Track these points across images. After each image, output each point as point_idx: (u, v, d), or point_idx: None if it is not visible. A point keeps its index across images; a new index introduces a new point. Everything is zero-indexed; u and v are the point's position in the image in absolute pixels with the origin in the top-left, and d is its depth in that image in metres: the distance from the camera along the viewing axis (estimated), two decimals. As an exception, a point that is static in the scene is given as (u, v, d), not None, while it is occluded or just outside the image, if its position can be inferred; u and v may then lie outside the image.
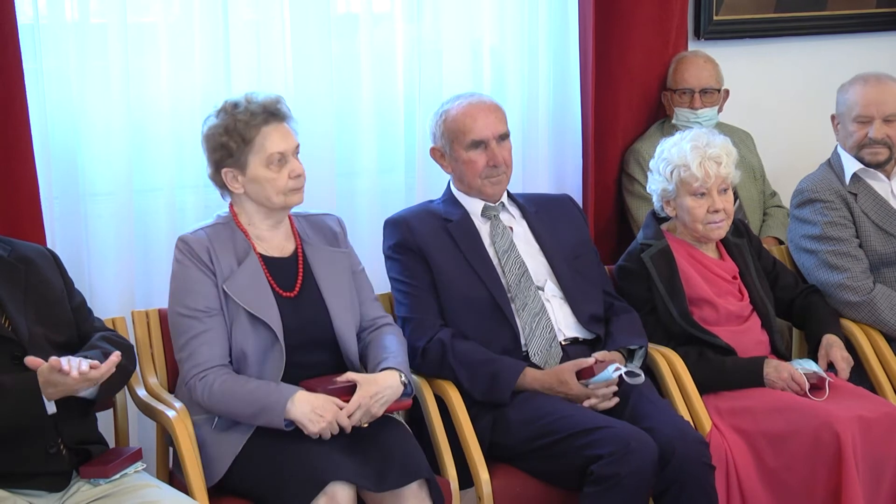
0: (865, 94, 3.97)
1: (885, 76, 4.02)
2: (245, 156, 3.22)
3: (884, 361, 3.81)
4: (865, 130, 3.96)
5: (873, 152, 3.97)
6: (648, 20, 4.45)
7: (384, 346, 3.33)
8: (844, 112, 4.02)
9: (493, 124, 3.62)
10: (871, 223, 3.93)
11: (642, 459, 3.18)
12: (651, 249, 3.74)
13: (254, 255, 3.26)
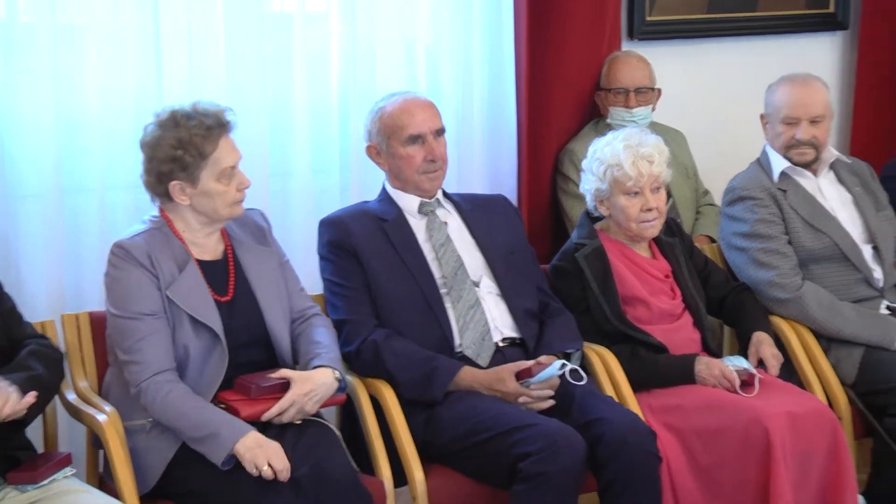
0: (792, 95, 4.01)
1: (812, 77, 4.07)
2: (199, 170, 3.20)
3: (812, 358, 3.86)
4: (793, 132, 4.01)
5: (800, 153, 4.02)
6: (582, 21, 4.48)
7: (315, 340, 3.33)
8: (772, 113, 4.06)
9: (429, 119, 3.64)
10: (801, 219, 3.98)
11: (571, 457, 3.20)
12: (585, 249, 3.76)
13: (193, 262, 3.25)
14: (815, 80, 4.05)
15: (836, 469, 3.51)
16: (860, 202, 4.06)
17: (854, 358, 3.83)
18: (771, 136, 4.07)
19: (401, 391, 3.44)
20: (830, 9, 5.00)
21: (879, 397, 3.75)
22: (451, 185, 4.08)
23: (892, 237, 4.07)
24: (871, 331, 3.85)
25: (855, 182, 4.11)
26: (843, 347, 3.86)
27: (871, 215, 4.05)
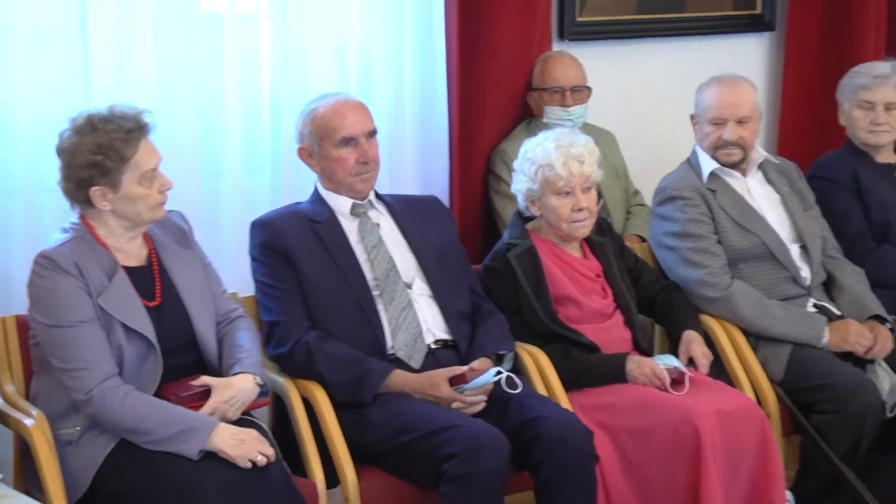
0: (720, 96, 4.05)
1: (740, 78, 4.12)
2: (120, 174, 3.16)
3: (741, 356, 3.90)
4: (720, 132, 4.05)
5: (727, 153, 4.06)
6: (513, 21, 4.49)
7: (238, 345, 3.32)
8: (701, 113, 4.11)
9: (361, 121, 3.64)
10: (730, 219, 4.02)
11: (495, 457, 3.21)
12: (517, 249, 3.77)
13: (120, 269, 3.22)
14: (742, 81, 4.10)
15: (765, 465, 3.55)
16: (788, 202, 4.12)
17: (782, 356, 3.88)
18: (700, 136, 4.11)
19: (332, 393, 3.43)
20: (758, 10, 5.05)
21: (807, 394, 3.80)
22: (383, 185, 4.08)
23: (819, 236, 4.12)
24: (798, 328, 3.90)
25: (783, 182, 4.16)
26: (772, 345, 3.91)
27: (798, 215, 4.10)
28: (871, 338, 3.88)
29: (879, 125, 4.29)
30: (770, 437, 3.57)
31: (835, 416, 3.72)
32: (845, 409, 3.71)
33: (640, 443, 3.51)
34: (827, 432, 3.73)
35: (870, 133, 4.31)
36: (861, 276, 4.12)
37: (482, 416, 3.41)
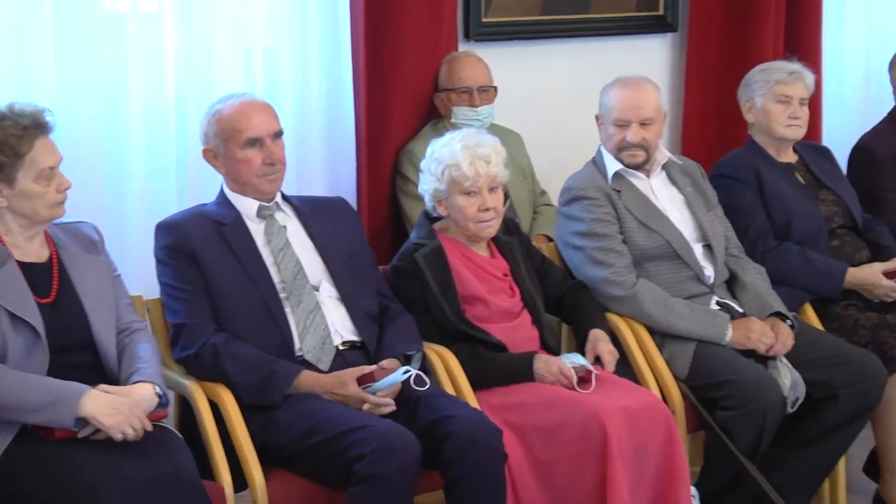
0: (623, 98, 4.09)
1: (643, 80, 4.16)
2: (15, 171, 3.14)
3: (647, 354, 3.94)
4: (623, 133, 4.08)
5: (631, 154, 4.10)
6: (419, 22, 4.50)
7: (138, 355, 3.29)
8: (605, 114, 4.14)
9: (267, 122, 3.61)
10: (634, 219, 4.07)
11: (404, 457, 3.22)
12: (424, 249, 3.78)
13: (13, 261, 3.18)
14: (645, 83, 4.14)
15: (670, 462, 3.59)
16: (691, 202, 4.17)
17: (686, 353, 3.92)
18: (604, 137, 4.15)
19: (240, 395, 3.41)
20: (660, 11, 5.10)
21: (711, 391, 3.85)
22: (290, 187, 4.07)
23: (723, 235, 4.18)
24: (702, 326, 3.95)
25: (686, 182, 4.22)
26: (676, 343, 3.96)
27: (702, 215, 4.16)
28: (772, 335, 3.94)
29: (796, 119, 4.35)
30: (675, 434, 3.61)
31: (737, 412, 3.77)
32: (747, 404, 3.76)
33: (548, 441, 3.54)
34: (730, 428, 3.78)
35: (787, 127, 4.35)
36: (762, 274, 4.18)
37: (392, 416, 3.40)
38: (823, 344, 4.03)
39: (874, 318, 4.18)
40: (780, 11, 5.12)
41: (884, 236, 4.45)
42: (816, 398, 3.91)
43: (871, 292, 4.25)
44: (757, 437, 3.78)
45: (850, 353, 4.00)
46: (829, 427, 3.94)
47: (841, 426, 3.94)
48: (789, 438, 3.95)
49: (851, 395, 3.90)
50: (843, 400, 3.90)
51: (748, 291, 4.10)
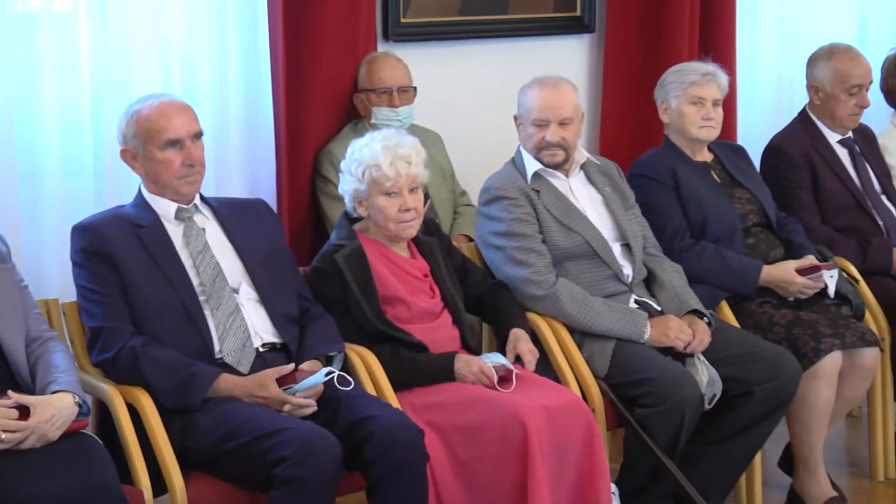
0: (542, 98, 4.11)
1: (561, 80, 4.18)
2: None
3: (567, 352, 3.96)
4: (542, 133, 4.11)
5: (550, 154, 4.12)
6: (337, 22, 4.49)
7: (54, 365, 3.26)
8: (524, 114, 4.16)
9: (187, 123, 3.58)
10: (553, 219, 4.09)
11: (326, 459, 3.21)
12: (344, 250, 3.77)
13: None
14: (564, 83, 4.17)
15: (591, 460, 3.61)
16: (609, 202, 4.20)
17: (606, 352, 3.96)
18: (523, 137, 4.18)
19: (159, 399, 3.38)
20: (577, 12, 5.13)
21: (630, 388, 3.89)
22: (209, 188, 4.04)
23: (641, 235, 4.22)
24: (621, 325, 3.98)
25: (605, 182, 4.25)
26: (596, 342, 3.99)
27: (620, 214, 4.19)
28: (689, 333, 3.99)
29: (709, 120, 4.39)
30: (595, 432, 3.64)
31: (656, 409, 3.81)
32: (665, 402, 3.80)
33: (470, 440, 3.54)
34: (649, 425, 3.82)
35: (700, 128, 4.39)
36: (680, 272, 4.23)
37: (312, 417, 3.40)
38: (739, 341, 4.08)
39: (788, 315, 4.25)
40: (694, 13, 5.18)
41: (797, 234, 4.52)
42: (733, 395, 3.96)
43: (786, 290, 4.31)
44: (675, 433, 3.82)
45: (766, 349, 4.06)
46: (745, 422, 3.99)
47: (756, 421, 3.99)
48: (706, 434, 4.00)
49: (766, 392, 3.96)
50: (758, 396, 3.95)
51: (666, 290, 4.14)
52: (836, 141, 4.80)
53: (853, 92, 4.74)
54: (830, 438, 4.44)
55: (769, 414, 4.00)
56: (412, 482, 3.35)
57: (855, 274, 4.47)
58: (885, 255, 4.62)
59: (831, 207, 4.70)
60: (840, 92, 4.74)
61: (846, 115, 4.76)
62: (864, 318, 4.34)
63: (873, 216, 4.72)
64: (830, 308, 4.31)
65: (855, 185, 4.75)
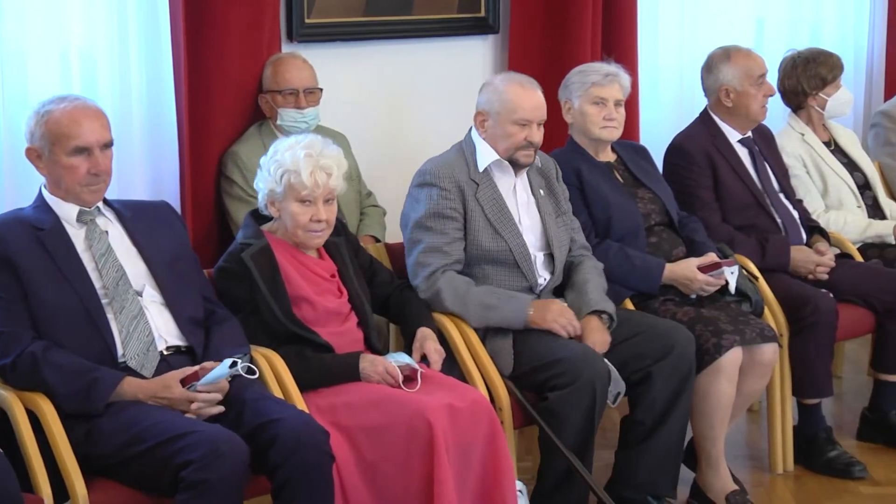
0: (526, 98, 4.06)
1: (530, 80, 4.16)
2: None
3: (473, 351, 3.98)
4: (525, 133, 4.06)
5: (527, 154, 4.09)
6: (241, 23, 4.47)
7: None
8: (501, 112, 4.06)
9: (98, 131, 3.52)
10: (485, 218, 4.06)
11: (233, 462, 3.19)
12: (251, 248, 3.75)
13: None
14: (535, 84, 4.15)
15: (495, 458, 3.62)
16: (541, 207, 4.18)
17: (507, 347, 3.97)
18: (496, 134, 4.09)
19: (60, 404, 3.34)
20: (482, 13, 5.15)
21: (540, 373, 3.89)
22: (112, 191, 3.95)
23: (566, 243, 4.22)
24: (503, 308, 3.98)
25: (540, 184, 4.23)
26: (498, 338, 4.00)
27: (549, 221, 4.18)
28: (571, 319, 3.99)
29: (611, 120, 4.43)
30: (499, 431, 3.65)
31: (567, 390, 3.82)
32: (577, 379, 3.82)
33: (375, 441, 3.54)
34: (561, 408, 3.84)
35: (602, 128, 4.42)
36: (598, 269, 4.23)
37: (217, 420, 3.38)
38: (633, 321, 4.13)
39: (691, 312, 4.30)
40: (596, 14, 5.23)
41: (698, 232, 4.59)
42: (634, 382, 4.01)
43: (688, 287, 4.37)
44: (589, 414, 3.85)
45: (657, 326, 4.11)
46: (660, 406, 4.03)
47: (670, 401, 4.03)
48: (633, 434, 4.07)
49: (664, 369, 4.00)
50: (656, 376, 4.00)
51: (574, 291, 4.16)
52: (736, 140, 4.88)
53: (760, 83, 4.81)
54: (731, 433, 4.53)
55: (678, 391, 4.04)
56: (318, 484, 3.35)
57: (754, 271, 4.55)
58: (782, 253, 4.70)
59: (731, 206, 4.78)
60: (750, 87, 4.81)
61: (759, 108, 4.83)
62: (764, 314, 4.42)
63: (772, 214, 4.80)
64: (731, 305, 4.37)
65: (754, 184, 4.83)
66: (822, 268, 4.71)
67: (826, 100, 5.12)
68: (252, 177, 4.36)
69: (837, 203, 5.12)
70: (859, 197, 5.16)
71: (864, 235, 5.05)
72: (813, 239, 4.86)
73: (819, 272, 4.71)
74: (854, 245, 5.01)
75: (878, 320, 4.75)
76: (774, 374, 4.45)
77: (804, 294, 4.56)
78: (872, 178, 5.25)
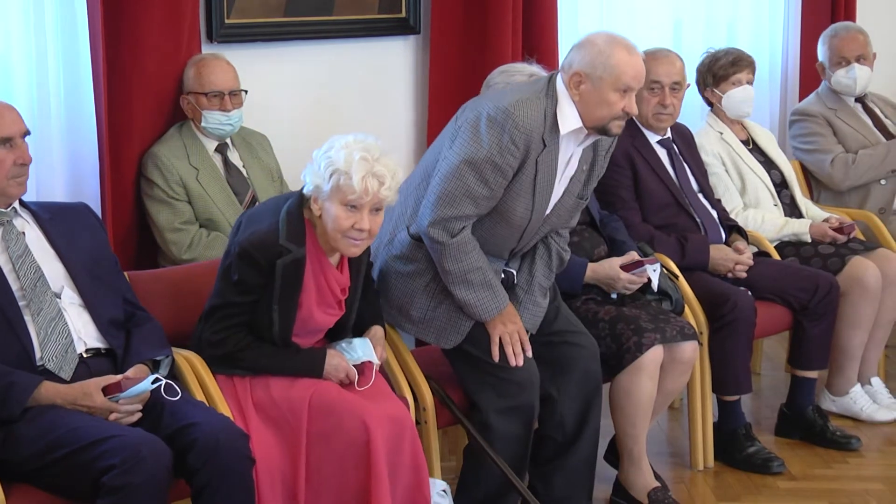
0: (633, 64, 3.79)
1: (636, 46, 3.92)
2: None
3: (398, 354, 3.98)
4: (624, 102, 3.80)
5: (620, 125, 3.86)
6: (159, 23, 4.42)
7: None
8: (605, 77, 3.77)
9: (17, 121, 3.51)
10: (532, 183, 3.84)
11: (155, 466, 3.17)
12: (287, 257, 3.52)
13: None
14: (638, 49, 3.92)
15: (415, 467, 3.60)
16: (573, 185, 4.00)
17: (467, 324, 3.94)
18: (592, 100, 3.78)
19: (-26, 409, 3.29)
20: (402, 14, 5.15)
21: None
22: (31, 193, 3.93)
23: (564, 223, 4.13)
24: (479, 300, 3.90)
25: (588, 159, 4.00)
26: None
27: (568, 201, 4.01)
28: (516, 344, 3.95)
29: None
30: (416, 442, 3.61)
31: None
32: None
33: (322, 446, 3.50)
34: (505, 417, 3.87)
35: None
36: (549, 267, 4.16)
37: (136, 423, 3.36)
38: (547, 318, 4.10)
39: (612, 311, 4.33)
40: (517, 14, 5.24)
41: (619, 231, 4.62)
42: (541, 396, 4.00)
43: (611, 286, 4.40)
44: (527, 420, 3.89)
45: (566, 329, 4.11)
46: (569, 425, 4.04)
47: (579, 421, 4.05)
48: (543, 451, 4.07)
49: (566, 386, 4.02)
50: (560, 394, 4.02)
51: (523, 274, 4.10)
52: (655, 141, 4.93)
53: (654, 88, 4.84)
54: (653, 430, 4.58)
55: (586, 407, 4.05)
56: (237, 488, 3.33)
57: (674, 270, 4.60)
58: (702, 252, 4.76)
59: (651, 205, 4.82)
60: (642, 89, 4.86)
61: (649, 113, 4.85)
62: (684, 312, 4.47)
63: (691, 214, 4.86)
64: (652, 303, 4.42)
65: (674, 184, 4.88)
66: (741, 266, 4.78)
67: (721, 96, 5.18)
68: (172, 178, 4.36)
69: (755, 201, 5.19)
70: (776, 196, 5.24)
71: (781, 234, 5.13)
72: (731, 238, 4.92)
73: (738, 270, 4.78)
74: (771, 243, 5.09)
75: (794, 318, 4.83)
76: (695, 372, 4.51)
77: (723, 292, 4.62)
78: (789, 177, 5.33)
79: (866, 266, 4.95)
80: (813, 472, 4.61)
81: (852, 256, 4.99)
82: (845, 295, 4.88)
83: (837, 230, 5.10)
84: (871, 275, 4.93)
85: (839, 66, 5.59)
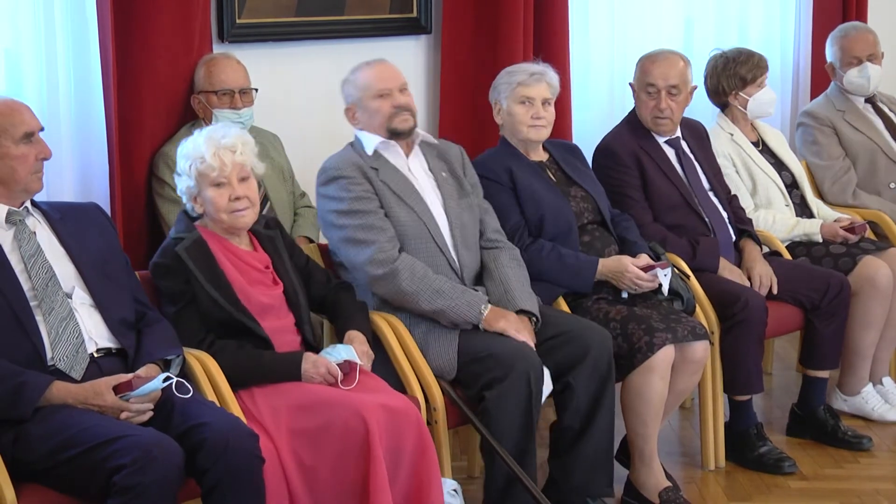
0: (376, 72, 4.19)
1: (379, 58, 4.29)
2: None
3: (408, 352, 3.98)
4: (389, 102, 4.15)
5: (404, 119, 4.17)
6: (171, 23, 4.43)
7: None
8: (361, 95, 4.20)
9: (34, 117, 3.54)
10: (393, 194, 4.10)
11: (166, 466, 3.17)
12: (185, 242, 3.73)
13: None
14: (382, 59, 4.29)
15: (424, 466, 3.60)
16: (441, 186, 4.21)
17: (452, 351, 3.97)
18: (367, 117, 4.19)
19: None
20: (414, 13, 5.16)
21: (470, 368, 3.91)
22: (41, 192, 3.93)
23: (473, 225, 4.23)
24: (459, 303, 3.98)
25: (441, 167, 4.26)
26: (442, 340, 4.00)
27: (451, 201, 4.20)
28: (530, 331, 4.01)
29: (539, 119, 4.44)
30: (427, 440, 3.62)
31: (504, 384, 3.84)
32: (511, 372, 3.84)
33: (314, 444, 3.51)
34: (501, 405, 3.84)
35: (531, 127, 4.44)
36: (518, 262, 4.24)
37: (146, 423, 3.36)
38: (548, 322, 4.12)
39: (623, 310, 4.33)
40: (528, 15, 5.25)
41: (630, 231, 4.62)
42: (556, 389, 4.03)
43: (620, 279, 4.39)
44: (526, 406, 3.87)
45: (573, 329, 4.11)
46: (583, 412, 4.05)
47: (593, 403, 4.05)
48: (563, 441, 4.08)
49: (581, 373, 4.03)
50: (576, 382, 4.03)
51: (496, 284, 4.15)
52: (663, 141, 4.92)
53: (650, 91, 4.84)
54: (664, 430, 4.58)
55: (599, 393, 4.06)
56: (247, 488, 3.33)
57: (686, 270, 4.59)
58: (712, 255, 4.74)
59: (661, 206, 4.81)
60: (640, 91, 4.86)
61: (647, 116, 4.86)
62: (695, 312, 4.46)
63: (701, 214, 4.85)
64: (663, 303, 4.41)
65: (683, 184, 4.86)
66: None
67: (747, 99, 5.18)
68: (184, 177, 4.37)
69: (766, 202, 5.18)
70: (787, 196, 5.23)
71: (792, 234, 5.12)
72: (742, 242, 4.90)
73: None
74: (782, 243, 5.08)
75: (806, 317, 4.82)
76: (706, 372, 4.50)
77: (734, 292, 4.61)
78: (800, 178, 5.32)
79: (878, 266, 4.94)
80: (824, 472, 4.60)
81: (863, 256, 4.98)
82: (856, 295, 4.87)
83: (849, 230, 5.08)
84: (882, 274, 4.91)
85: (851, 65, 5.56)
